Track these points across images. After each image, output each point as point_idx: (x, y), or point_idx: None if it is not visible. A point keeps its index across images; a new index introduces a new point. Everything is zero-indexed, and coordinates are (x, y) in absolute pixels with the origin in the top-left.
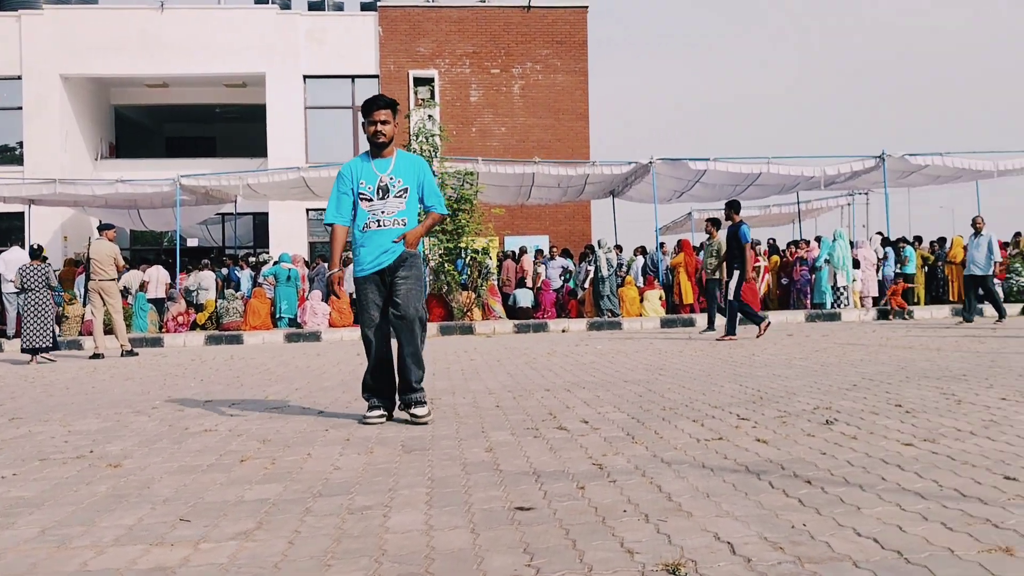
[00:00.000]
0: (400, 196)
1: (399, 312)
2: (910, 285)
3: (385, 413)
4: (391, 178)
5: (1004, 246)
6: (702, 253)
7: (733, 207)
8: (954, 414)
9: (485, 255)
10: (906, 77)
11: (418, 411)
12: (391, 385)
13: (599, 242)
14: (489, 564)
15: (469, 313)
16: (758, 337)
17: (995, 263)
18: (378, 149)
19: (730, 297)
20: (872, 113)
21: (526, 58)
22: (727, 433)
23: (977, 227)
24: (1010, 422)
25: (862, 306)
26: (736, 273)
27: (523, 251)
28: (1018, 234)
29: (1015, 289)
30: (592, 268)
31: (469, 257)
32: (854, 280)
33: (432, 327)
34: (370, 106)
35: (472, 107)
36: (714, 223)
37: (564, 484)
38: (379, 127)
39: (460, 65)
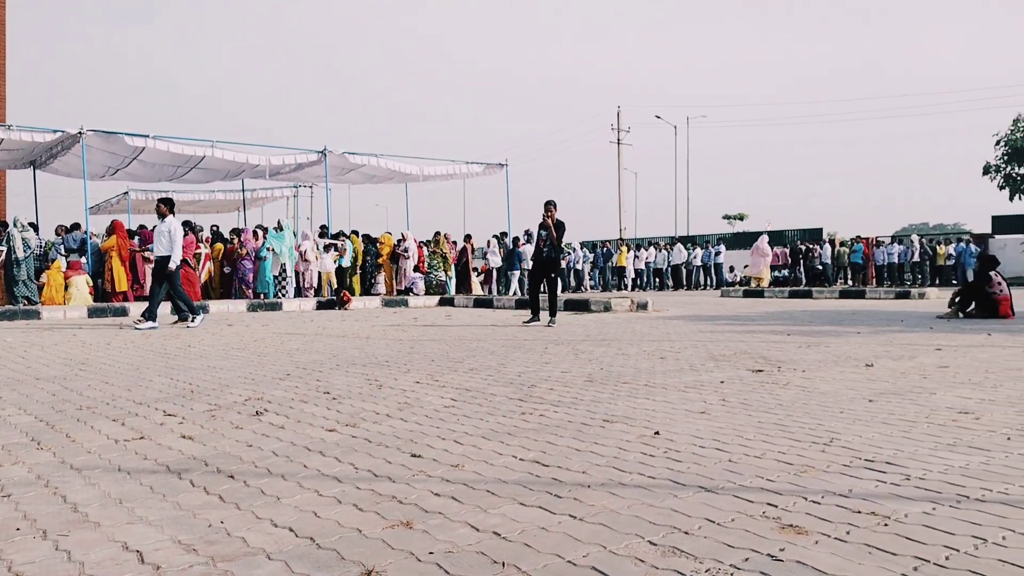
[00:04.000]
0: None
1: None
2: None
3: None
4: None
5: (426, 244)
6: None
7: None
8: (375, 398)
9: None
10: (350, 81)
11: None
12: None
13: (15, 219)
14: None
15: None
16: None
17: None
18: None
19: None
20: (318, 110)
21: None
22: (150, 431)
23: (162, 213)
24: (421, 404)
25: (314, 296)
26: None
27: None
28: (438, 233)
29: (435, 283)
30: (5, 248)
31: None
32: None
33: None
34: None
35: None
36: None
37: None
38: None
39: None
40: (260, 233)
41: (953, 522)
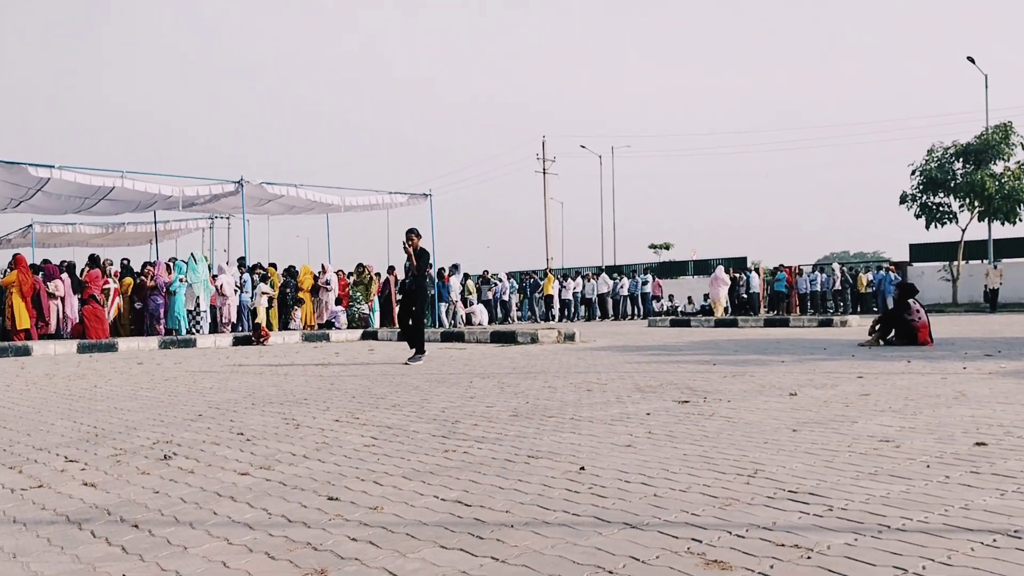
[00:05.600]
0: None
1: None
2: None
3: None
4: None
5: (348, 275)
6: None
7: None
8: (291, 439)
9: None
10: (267, 107)
11: None
12: None
13: None
14: None
15: None
16: None
17: None
18: None
19: None
20: (234, 139)
21: None
22: (50, 479)
23: None
24: (340, 443)
25: (232, 332)
26: None
27: None
28: (360, 265)
29: (357, 316)
30: None
31: None
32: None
33: None
34: None
35: None
36: None
37: None
38: None
39: None
40: (172, 266)
41: (875, 552)
